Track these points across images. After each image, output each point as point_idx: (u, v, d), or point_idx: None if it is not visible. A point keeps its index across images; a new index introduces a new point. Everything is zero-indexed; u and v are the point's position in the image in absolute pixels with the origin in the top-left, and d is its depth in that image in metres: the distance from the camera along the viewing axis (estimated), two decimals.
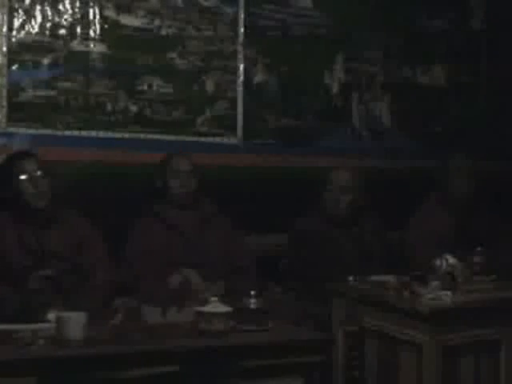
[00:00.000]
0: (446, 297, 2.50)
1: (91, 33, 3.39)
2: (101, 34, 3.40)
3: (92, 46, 3.39)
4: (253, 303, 2.37)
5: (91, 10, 3.38)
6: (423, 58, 4.31)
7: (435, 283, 2.59)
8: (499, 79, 4.50)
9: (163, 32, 3.55)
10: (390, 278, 2.75)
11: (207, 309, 2.28)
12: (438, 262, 2.81)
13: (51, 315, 2.26)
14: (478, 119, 4.46)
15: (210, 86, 3.68)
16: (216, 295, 2.49)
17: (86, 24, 3.37)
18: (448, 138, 4.34)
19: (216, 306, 2.29)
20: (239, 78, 3.76)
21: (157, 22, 3.53)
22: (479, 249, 2.99)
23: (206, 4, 3.65)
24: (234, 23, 3.73)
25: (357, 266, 3.24)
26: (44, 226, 2.80)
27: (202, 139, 3.66)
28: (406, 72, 4.26)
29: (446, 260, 2.81)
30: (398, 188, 3.98)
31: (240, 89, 3.76)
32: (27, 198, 2.76)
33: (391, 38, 4.20)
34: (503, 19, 4.51)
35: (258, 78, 3.82)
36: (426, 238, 3.50)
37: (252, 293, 2.38)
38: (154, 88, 3.52)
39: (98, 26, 3.40)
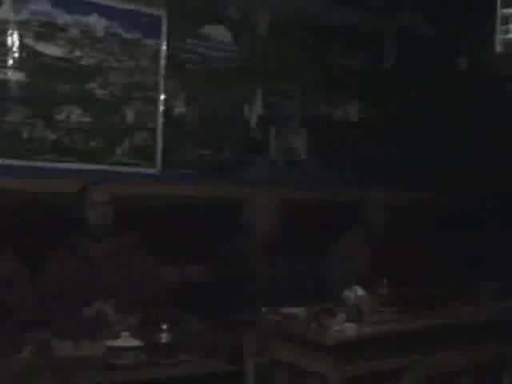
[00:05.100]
0: (351, 329, 2.60)
1: (10, 61, 3.37)
2: (19, 62, 3.38)
3: (10, 73, 3.36)
4: (164, 337, 2.41)
5: (10, 38, 3.36)
6: (339, 94, 4.49)
7: (341, 315, 2.68)
8: (408, 115, 4.74)
9: (84, 62, 3.57)
10: (299, 310, 2.83)
11: (118, 343, 2.31)
12: (346, 294, 2.92)
13: None
14: (389, 152, 4.67)
15: (130, 117, 3.72)
16: (129, 328, 2.52)
17: (5, 52, 3.35)
18: (362, 170, 4.52)
19: (127, 341, 2.32)
20: (159, 108, 3.81)
21: (77, 52, 3.54)
22: (385, 281, 3.12)
23: (127, 36, 3.69)
24: (155, 55, 3.79)
25: (274, 295, 3.32)
26: None
27: (121, 169, 3.68)
28: (323, 107, 4.43)
29: (355, 292, 2.92)
30: (314, 217, 4.10)
31: (160, 119, 3.81)
32: None
33: (309, 74, 4.36)
34: (413, 59, 4.78)
35: (178, 109, 3.89)
36: (344, 270, 3.62)
37: (163, 326, 2.42)
38: (73, 117, 3.53)
39: (16, 54, 3.38)
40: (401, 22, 4.79)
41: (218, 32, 4.01)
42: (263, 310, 2.98)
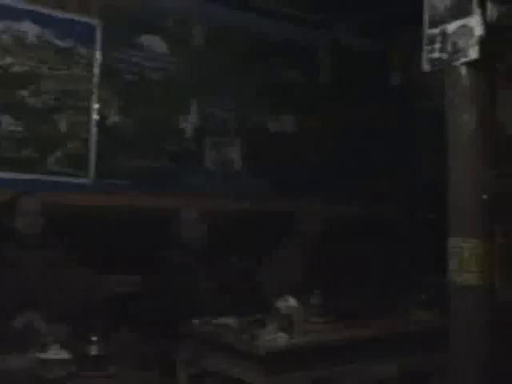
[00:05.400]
0: (281, 339, 2.63)
1: None
2: None
3: None
4: (94, 348, 2.38)
5: None
6: (275, 106, 4.55)
7: (272, 325, 2.71)
8: (343, 129, 4.84)
9: (15, 69, 3.51)
10: (231, 321, 2.85)
11: (47, 355, 2.27)
12: (278, 304, 2.96)
13: None
14: (325, 165, 4.75)
15: (62, 125, 3.67)
16: (59, 340, 2.48)
17: None
18: (298, 182, 4.58)
19: (56, 353, 2.28)
20: (93, 118, 3.78)
21: (9, 59, 3.49)
22: (317, 291, 3.17)
23: (61, 44, 3.66)
24: (89, 64, 3.77)
25: (208, 306, 3.32)
26: None
27: (53, 178, 3.63)
28: (258, 119, 4.48)
29: (287, 302, 2.96)
30: (249, 228, 4.13)
31: (93, 129, 3.78)
32: None
33: (245, 86, 4.41)
34: (348, 73, 4.88)
35: (112, 118, 3.86)
36: (277, 280, 3.65)
37: (94, 338, 2.39)
38: (3, 125, 3.46)
39: None
40: (336, 37, 4.89)
41: (154, 42, 4.01)
42: (195, 321, 2.99)
